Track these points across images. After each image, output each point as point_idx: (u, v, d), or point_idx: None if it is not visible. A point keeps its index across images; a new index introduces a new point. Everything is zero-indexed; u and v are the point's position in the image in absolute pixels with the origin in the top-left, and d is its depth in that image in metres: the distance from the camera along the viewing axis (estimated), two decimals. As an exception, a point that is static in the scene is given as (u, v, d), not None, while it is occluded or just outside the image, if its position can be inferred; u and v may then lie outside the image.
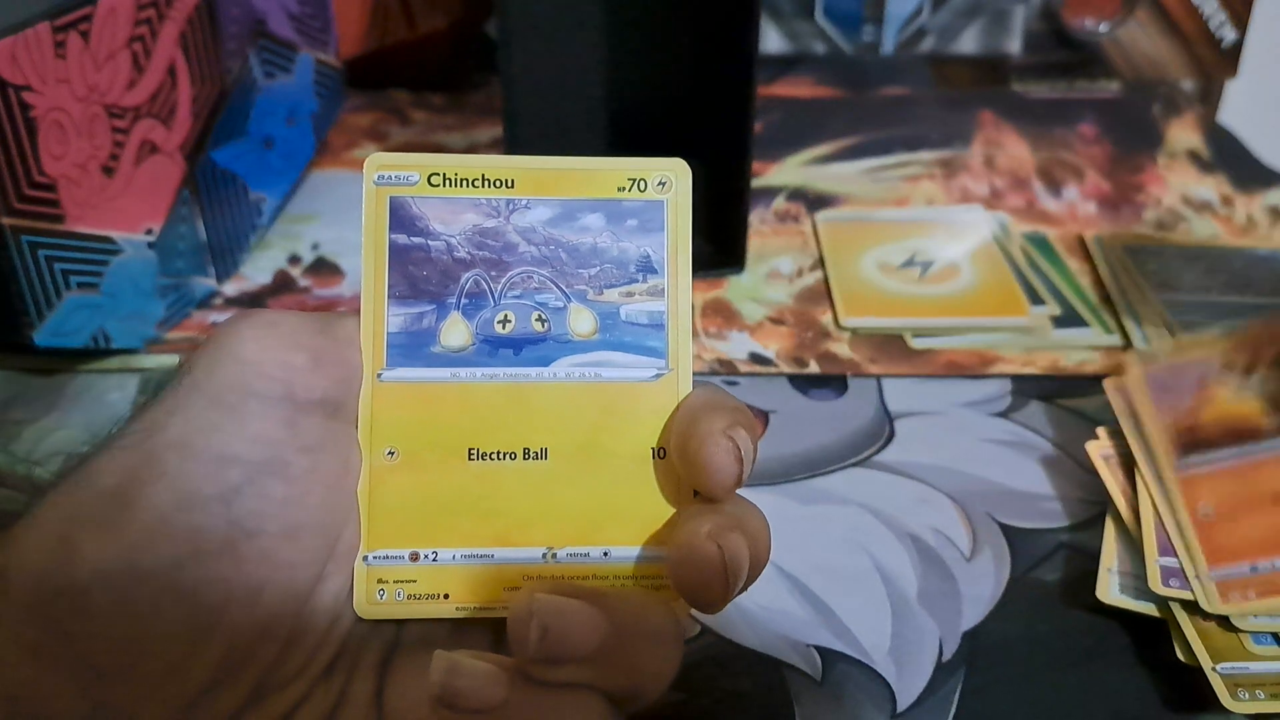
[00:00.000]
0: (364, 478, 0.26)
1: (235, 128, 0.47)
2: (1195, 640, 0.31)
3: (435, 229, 0.26)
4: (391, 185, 0.26)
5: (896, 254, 0.51)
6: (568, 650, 0.23)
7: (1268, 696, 0.29)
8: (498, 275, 0.26)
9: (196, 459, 0.23)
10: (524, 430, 0.26)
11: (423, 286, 0.26)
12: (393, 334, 0.26)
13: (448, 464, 0.26)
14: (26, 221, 0.37)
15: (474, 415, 0.26)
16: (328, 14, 0.55)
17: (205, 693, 0.22)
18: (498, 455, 0.26)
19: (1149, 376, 0.38)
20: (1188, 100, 0.65)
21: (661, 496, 0.26)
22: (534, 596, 0.23)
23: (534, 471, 0.26)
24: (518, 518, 0.26)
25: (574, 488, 0.26)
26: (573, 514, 0.26)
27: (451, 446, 0.26)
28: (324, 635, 0.25)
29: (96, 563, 0.21)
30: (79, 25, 0.38)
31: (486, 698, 0.22)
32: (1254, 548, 0.32)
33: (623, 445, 0.26)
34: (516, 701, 0.23)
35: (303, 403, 0.24)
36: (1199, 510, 0.33)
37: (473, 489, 0.26)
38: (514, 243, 0.27)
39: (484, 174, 0.27)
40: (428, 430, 0.26)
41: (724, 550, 0.23)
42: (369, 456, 0.26)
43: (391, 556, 0.26)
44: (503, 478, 0.26)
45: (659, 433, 0.26)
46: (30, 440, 0.40)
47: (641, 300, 0.27)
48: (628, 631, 0.23)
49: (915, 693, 0.31)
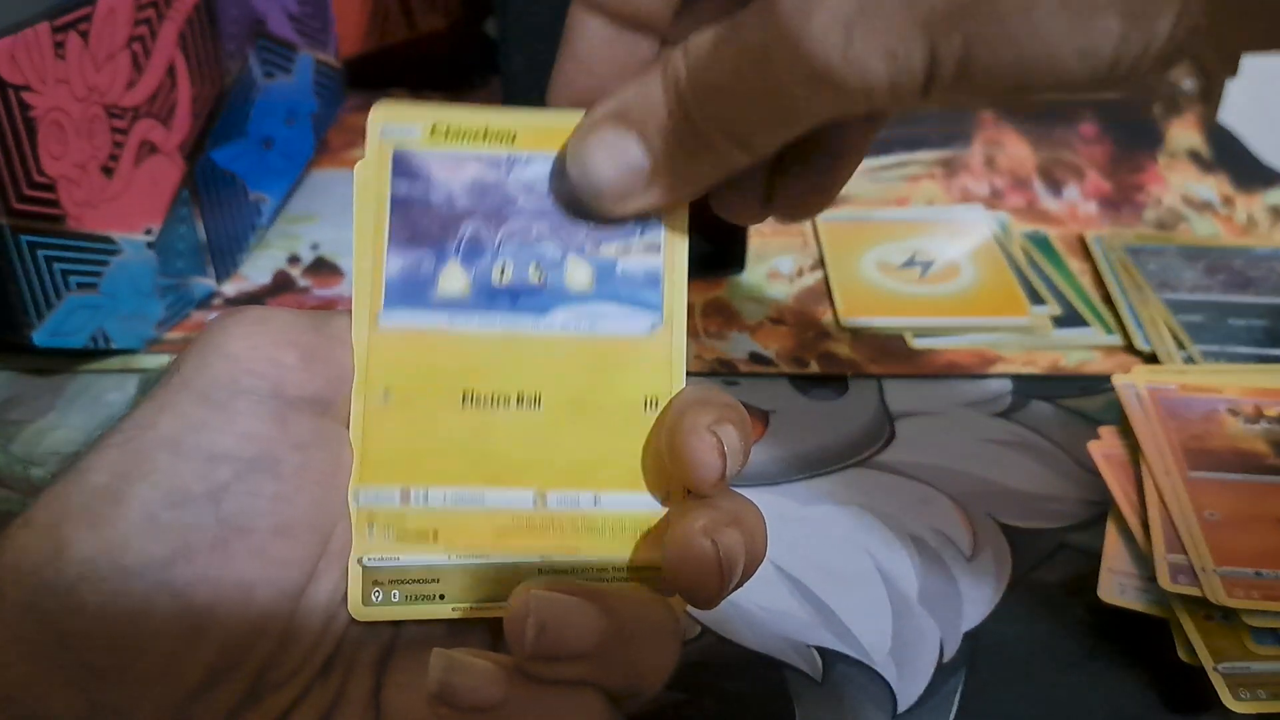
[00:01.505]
0: (357, 417, 0.26)
1: (235, 128, 0.47)
2: (1197, 639, 0.31)
3: (437, 179, 0.26)
4: (395, 137, 0.26)
5: (897, 254, 0.51)
6: (565, 647, 0.23)
7: (1269, 696, 0.29)
8: (497, 226, 0.26)
9: (186, 456, 0.23)
10: (518, 378, 0.26)
11: (421, 234, 0.26)
12: (391, 278, 0.26)
13: (441, 408, 0.26)
14: (26, 221, 0.37)
15: (469, 362, 0.26)
16: (327, 14, 0.55)
17: (201, 691, 0.22)
18: (491, 401, 0.26)
19: (1159, 398, 0.38)
20: (1188, 100, 0.65)
21: (653, 448, 0.26)
22: (531, 593, 0.23)
23: (526, 419, 0.26)
24: (509, 461, 0.26)
25: (566, 435, 0.26)
26: (564, 460, 0.26)
27: (446, 391, 0.26)
28: (320, 633, 0.25)
29: (87, 561, 0.21)
30: (78, 25, 0.38)
31: (485, 695, 0.22)
32: (1259, 556, 0.32)
33: (615, 396, 0.26)
34: (515, 699, 0.23)
35: (292, 400, 0.24)
36: (1205, 515, 0.33)
37: (465, 432, 0.26)
38: (514, 196, 0.26)
39: (487, 127, 0.26)
40: (422, 374, 0.26)
41: (718, 546, 0.23)
42: (363, 398, 0.26)
43: (382, 496, 0.26)
44: (495, 423, 0.26)
45: (652, 385, 0.26)
46: (29, 440, 0.40)
47: (638, 255, 0.27)
48: (625, 628, 0.23)
49: (916, 693, 0.31)
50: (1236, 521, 0.33)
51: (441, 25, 0.64)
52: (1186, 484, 0.34)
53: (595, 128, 0.25)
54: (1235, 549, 0.32)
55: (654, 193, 0.25)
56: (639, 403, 0.26)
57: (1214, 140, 0.62)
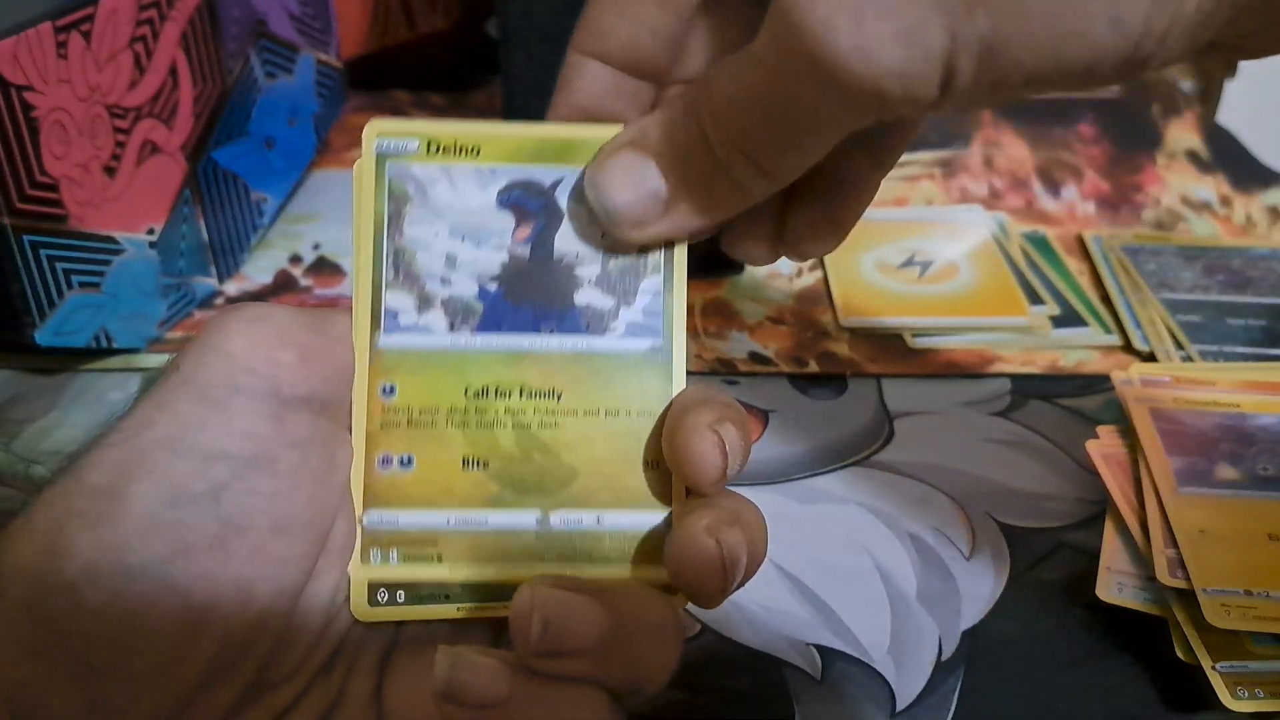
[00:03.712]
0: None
1: (236, 128, 0.48)
2: (1195, 638, 0.31)
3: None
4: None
5: (896, 254, 0.51)
6: (569, 643, 0.23)
7: (1267, 695, 0.29)
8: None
9: (184, 455, 0.23)
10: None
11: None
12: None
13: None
14: (28, 221, 0.37)
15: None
16: (328, 14, 0.55)
17: (200, 689, 0.22)
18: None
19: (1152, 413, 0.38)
20: (1187, 100, 0.65)
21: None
22: (535, 590, 0.23)
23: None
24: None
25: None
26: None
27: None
28: (320, 632, 0.25)
29: (87, 559, 0.21)
30: (80, 26, 0.38)
31: (490, 692, 0.23)
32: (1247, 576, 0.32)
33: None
34: (519, 696, 0.23)
35: (289, 398, 0.24)
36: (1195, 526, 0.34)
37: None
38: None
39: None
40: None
41: (722, 545, 0.24)
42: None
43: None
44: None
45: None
46: (31, 439, 0.40)
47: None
48: (628, 625, 0.24)
49: (915, 691, 0.31)
50: (1225, 535, 0.33)
51: (442, 26, 0.64)
52: (1177, 499, 0.34)
53: (615, 153, 0.25)
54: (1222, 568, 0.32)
55: (670, 220, 0.25)
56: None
57: (1212, 141, 0.62)
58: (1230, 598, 0.31)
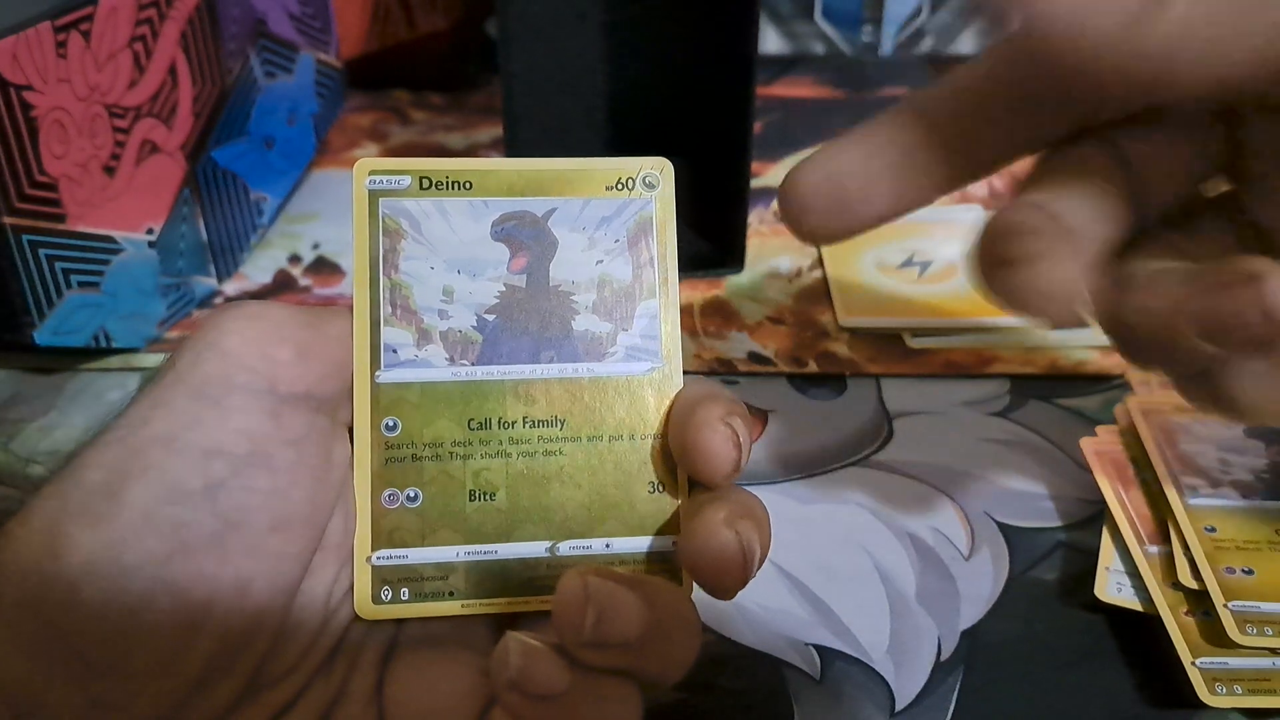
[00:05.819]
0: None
1: (236, 127, 0.48)
2: (1176, 634, 0.31)
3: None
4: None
5: (895, 254, 0.51)
6: (616, 634, 0.23)
7: (1245, 691, 0.29)
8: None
9: (180, 453, 0.23)
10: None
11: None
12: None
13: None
14: (27, 221, 0.37)
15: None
16: (328, 14, 0.55)
17: (199, 686, 0.22)
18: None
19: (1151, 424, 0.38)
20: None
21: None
22: (588, 580, 0.23)
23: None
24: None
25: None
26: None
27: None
28: (318, 628, 0.25)
29: (84, 557, 0.21)
30: (80, 25, 0.38)
31: (555, 683, 0.22)
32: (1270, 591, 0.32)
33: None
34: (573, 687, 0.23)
35: (286, 395, 0.24)
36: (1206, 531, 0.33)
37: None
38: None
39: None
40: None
41: (740, 536, 0.24)
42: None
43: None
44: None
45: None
46: (30, 439, 0.40)
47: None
48: (664, 618, 0.23)
49: (914, 691, 0.31)
50: (1238, 541, 0.33)
51: (442, 25, 0.64)
52: (1186, 510, 0.34)
53: None
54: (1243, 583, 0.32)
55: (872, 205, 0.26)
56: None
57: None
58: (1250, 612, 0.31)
